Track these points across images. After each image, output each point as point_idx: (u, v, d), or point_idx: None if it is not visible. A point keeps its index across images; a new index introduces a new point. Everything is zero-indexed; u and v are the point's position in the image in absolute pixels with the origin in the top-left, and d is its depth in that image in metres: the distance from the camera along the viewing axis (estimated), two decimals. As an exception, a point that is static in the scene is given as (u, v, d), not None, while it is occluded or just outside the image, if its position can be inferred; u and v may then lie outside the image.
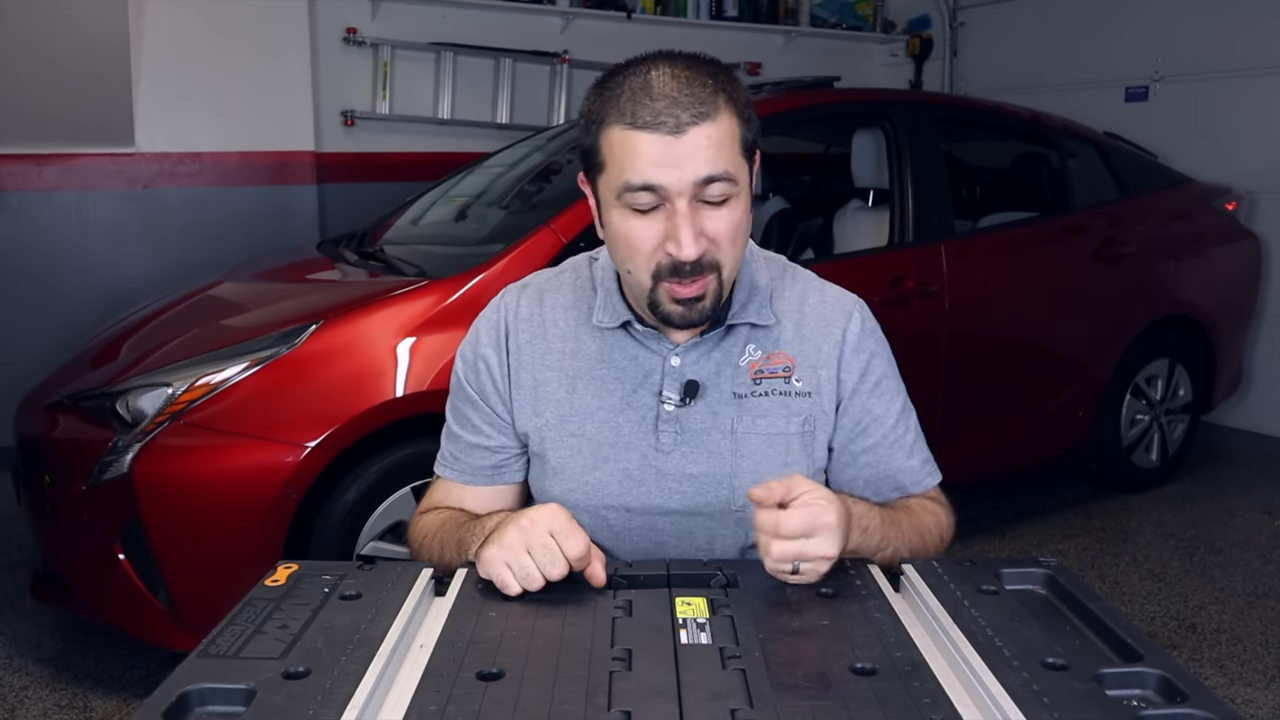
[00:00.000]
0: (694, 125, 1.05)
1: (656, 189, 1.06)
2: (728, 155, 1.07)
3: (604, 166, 1.10)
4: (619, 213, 1.10)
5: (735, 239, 1.11)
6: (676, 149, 1.05)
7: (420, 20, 4.67)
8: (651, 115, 1.05)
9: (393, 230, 3.31)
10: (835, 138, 4.18)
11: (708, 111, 1.05)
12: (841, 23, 5.76)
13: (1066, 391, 3.55)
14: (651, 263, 1.10)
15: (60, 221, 4.12)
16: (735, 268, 1.14)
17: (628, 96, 1.06)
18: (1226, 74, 4.50)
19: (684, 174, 1.05)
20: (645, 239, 1.09)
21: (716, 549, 1.23)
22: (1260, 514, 3.69)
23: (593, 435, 1.22)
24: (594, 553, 1.02)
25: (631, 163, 1.06)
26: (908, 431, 1.26)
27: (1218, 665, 2.65)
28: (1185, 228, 3.93)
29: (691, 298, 1.11)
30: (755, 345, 1.22)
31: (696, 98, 1.05)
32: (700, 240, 1.07)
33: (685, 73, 1.07)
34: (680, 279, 1.09)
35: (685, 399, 1.20)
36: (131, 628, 2.41)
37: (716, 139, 1.06)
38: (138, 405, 2.34)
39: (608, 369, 1.23)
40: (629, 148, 1.06)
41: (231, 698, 0.80)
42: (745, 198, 1.12)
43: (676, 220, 1.06)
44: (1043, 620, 0.94)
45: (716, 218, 1.08)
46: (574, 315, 1.25)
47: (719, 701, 0.79)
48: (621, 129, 1.06)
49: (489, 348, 1.26)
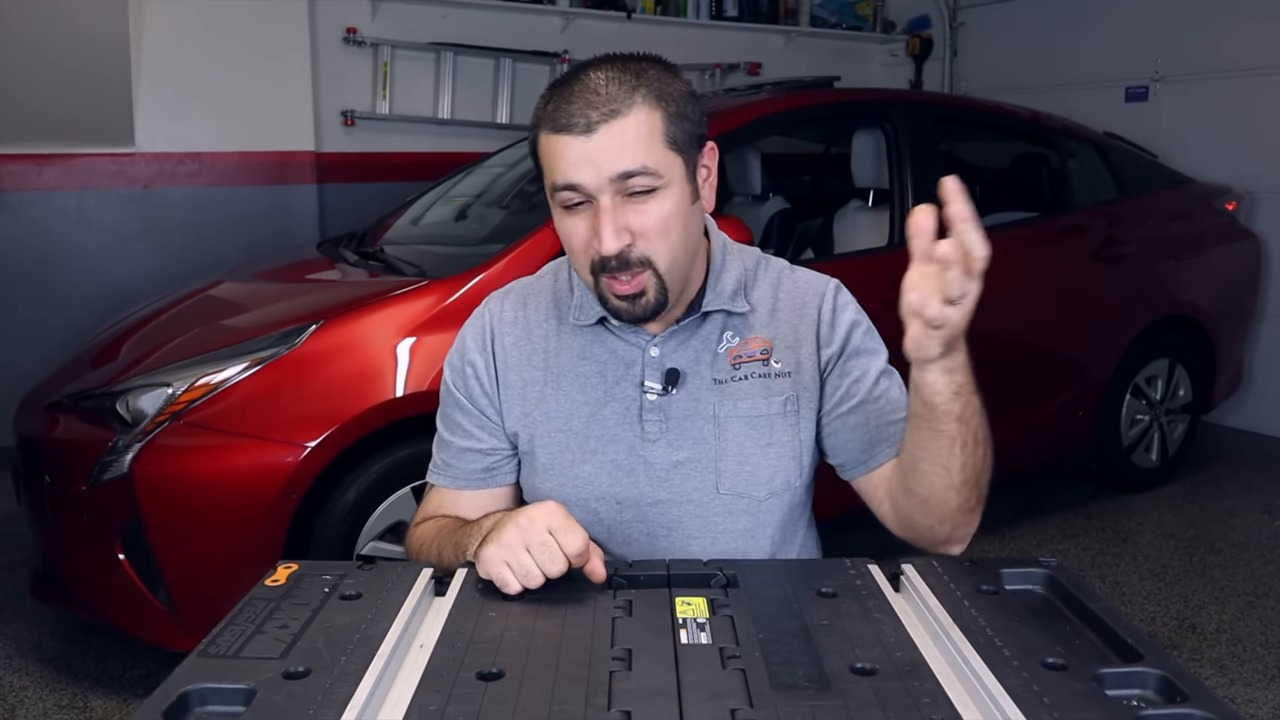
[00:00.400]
0: (604, 123, 1.08)
1: (578, 188, 1.11)
2: (644, 149, 1.10)
3: (543, 171, 1.15)
4: (559, 214, 1.15)
5: (665, 232, 1.13)
6: (589, 147, 1.09)
7: (420, 20, 4.67)
8: (566, 118, 1.09)
9: (393, 230, 3.31)
10: (835, 138, 4.18)
11: (618, 109, 1.09)
12: (841, 23, 5.76)
13: (1066, 391, 3.55)
14: (587, 259, 1.14)
15: (60, 221, 4.12)
16: (675, 260, 1.15)
17: (553, 104, 1.12)
18: (1226, 74, 4.50)
19: (599, 171, 1.09)
20: (578, 236, 1.14)
21: (708, 537, 1.24)
22: (1260, 514, 3.69)
23: (580, 430, 1.24)
24: (593, 549, 1.02)
25: (556, 165, 1.11)
26: (892, 385, 1.26)
27: (1218, 665, 2.65)
28: (1185, 228, 3.93)
29: (630, 294, 1.14)
30: (732, 332, 1.25)
31: (609, 96, 1.09)
32: (622, 235, 1.11)
33: (607, 74, 1.11)
34: (612, 274, 1.13)
35: (667, 387, 1.23)
36: (131, 628, 2.41)
37: (631, 135, 1.09)
38: (138, 405, 2.35)
39: (590, 364, 1.25)
40: (553, 151, 1.11)
41: (231, 698, 0.80)
42: (679, 190, 1.14)
43: (599, 217, 1.11)
44: (1043, 620, 0.93)
45: (642, 211, 1.11)
46: (554, 316, 1.28)
47: (719, 701, 0.79)
48: (546, 134, 1.12)
49: (475, 353, 1.29)
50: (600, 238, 1.10)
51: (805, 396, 1.24)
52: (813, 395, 1.25)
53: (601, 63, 1.13)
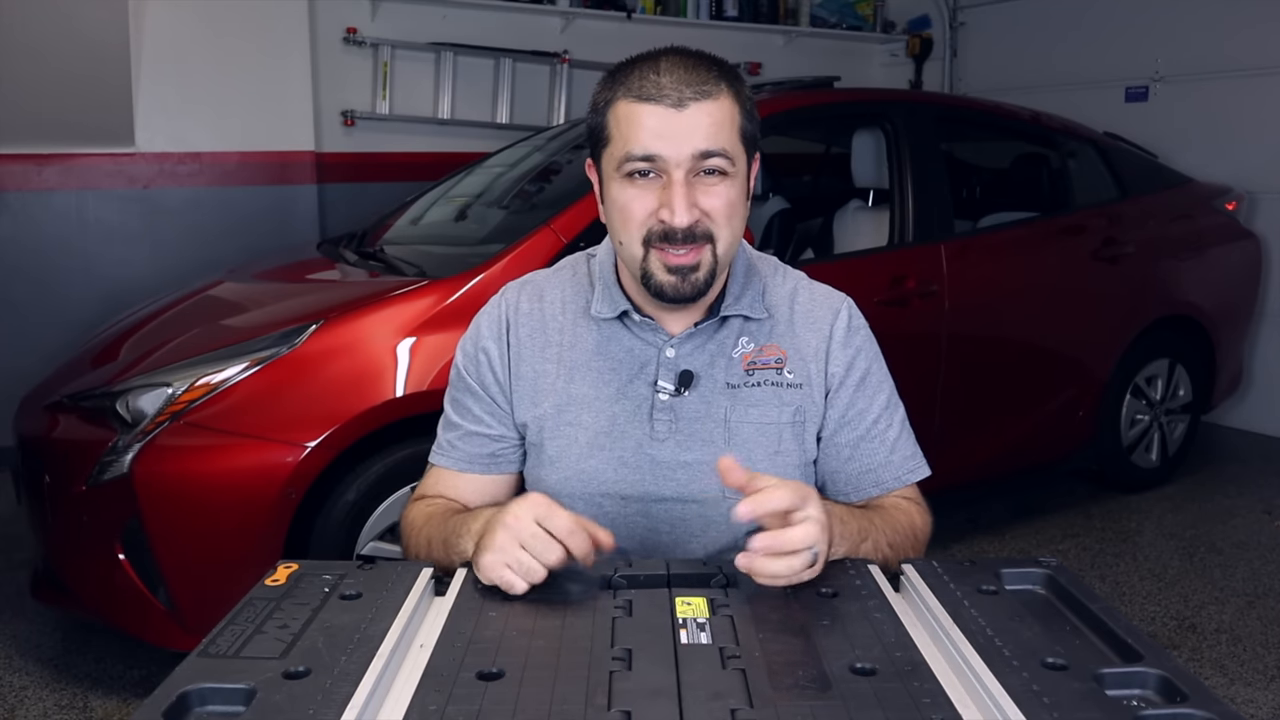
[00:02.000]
0: (695, 101, 1.11)
1: (656, 159, 1.12)
2: (727, 135, 1.14)
3: (609, 140, 1.16)
4: (619, 184, 1.16)
5: (730, 216, 1.16)
6: (677, 122, 1.11)
7: (420, 20, 4.67)
8: (656, 89, 1.12)
9: (393, 230, 3.31)
10: (835, 138, 4.18)
11: (710, 91, 1.12)
12: (841, 23, 5.76)
13: (1066, 391, 3.55)
14: (643, 230, 1.15)
15: (60, 221, 4.12)
16: (730, 246, 1.18)
17: (637, 76, 1.14)
18: (1226, 74, 4.50)
19: (683, 146, 1.12)
20: (641, 207, 1.15)
21: (710, 535, 1.25)
22: (1260, 514, 3.69)
23: (589, 424, 1.24)
24: (584, 523, 1.02)
25: (635, 134, 1.13)
26: (890, 427, 1.28)
27: (1218, 665, 2.65)
28: (1185, 228, 3.93)
29: (684, 265, 1.15)
30: (748, 338, 1.26)
31: (700, 78, 1.13)
32: (693, 210, 1.13)
33: (692, 59, 1.15)
34: (672, 245, 1.14)
35: (680, 389, 1.23)
36: (131, 628, 2.41)
37: (717, 117, 1.13)
38: (138, 405, 2.35)
39: (604, 360, 1.25)
40: (633, 119, 1.13)
41: (231, 697, 0.80)
42: (742, 183, 1.18)
43: (672, 189, 1.12)
44: (1043, 620, 0.93)
45: (712, 192, 1.14)
46: (572, 309, 1.28)
47: (719, 701, 0.79)
48: (628, 102, 1.13)
49: (490, 340, 1.29)
50: (672, 209, 1.12)
51: (811, 411, 1.26)
52: (818, 411, 1.26)
53: (683, 51, 1.16)
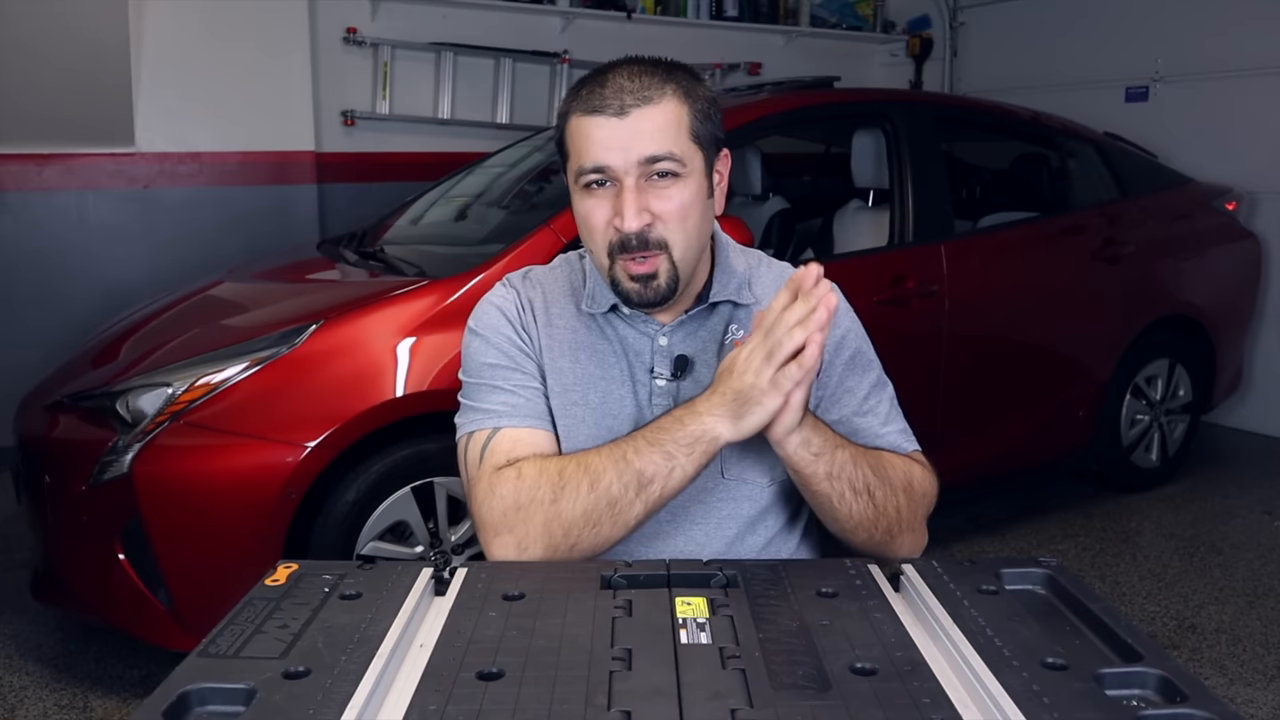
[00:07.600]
0: (637, 108, 1.15)
1: (605, 169, 1.16)
2: (673, 137, 1.16)
3: (569, 154, 1.21)
4: (579, 196, 1.20)
5: (683, 218, 1.18)
6: (621, 130, 1.15)
7: (420, 20, 4.67)
8: (600, 100, 1.16)
9: (393, 230, 3.31)
10: (835, 138, 4.18)
11: (651, 96, 1.16)
12: (841, 23, 5.76)
13: (1066, 391, 3.55)
14: (605, 240, 1.19)
15: (60, 221, 4.12)
16: (687, 249, 1.20)
17: (586, 89, 1.19)
18: (1226, 74, 4.50)
19: (629, 153, 1.15)
20: (598, 216, 1.19)
21: (711, 521, 1.26)
22: (1260, 514, 3.70)
23: (595, 405, 1.27)
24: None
25: (585, 146, 1.17)
26: (880, 403, 1.30)
27: (1218, 665, 2.65)
28: (1185, 228, 3.93)
29: (644, 275, 1.18)
30: (737, 325, 1.29)
31: (642, 85, 1.16)
32: (643, 215, 1.16)
33: (640, 68, 1.19)
34: (630, 254, 1.17)
35: (677, 374, 1.26)
36: (131, 628, 2.41)
37: (659, 121, 1.16)
38: (138, 405, 2.34)
39: (603, 347, 1.29)
40: (583, 132, 1.17)
41: (231, 697, 0.80)
42: (697, 182, 1.20)
43: (623, 196, 1.16)
44: (1043, 620, 0.93)
45: (663, 195, 1.17)
46: (569, 302, 1.31)
47: (719, 701, 0.79)
48: (578, 116, 1.18)
49: (504, 319, 1.30)
50: (622, 215, 1.15)
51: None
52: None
53: (633, 60, 1.20)
